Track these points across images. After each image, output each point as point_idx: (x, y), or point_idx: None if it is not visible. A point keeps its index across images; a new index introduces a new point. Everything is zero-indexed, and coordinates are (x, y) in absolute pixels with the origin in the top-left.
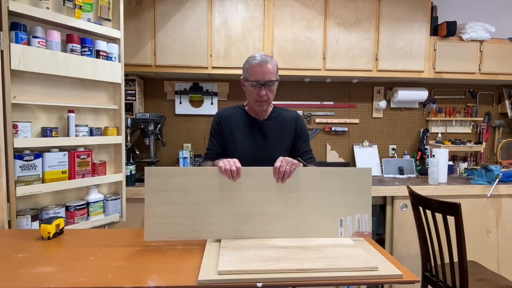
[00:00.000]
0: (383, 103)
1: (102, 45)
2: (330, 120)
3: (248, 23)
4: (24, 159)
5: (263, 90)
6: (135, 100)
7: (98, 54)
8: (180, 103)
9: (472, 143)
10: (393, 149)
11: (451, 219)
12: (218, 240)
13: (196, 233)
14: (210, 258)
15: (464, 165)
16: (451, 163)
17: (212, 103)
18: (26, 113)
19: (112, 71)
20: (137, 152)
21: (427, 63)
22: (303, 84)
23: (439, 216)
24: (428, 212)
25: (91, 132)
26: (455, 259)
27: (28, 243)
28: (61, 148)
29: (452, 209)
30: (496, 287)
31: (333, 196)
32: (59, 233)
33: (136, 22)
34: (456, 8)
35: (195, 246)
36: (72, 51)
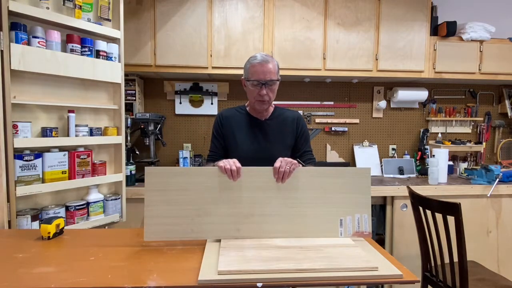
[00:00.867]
0: (383, 103)
1: (102, 45)
2: (330, 120)
3: (248, 23)
4: (24, 159)
5: (264, 90)
6: (135, 100)
7: (98, 54)
8: (180, 103)
9: (472, 143)
10: (393, 149)
11: (451, 219)
12: (218, 240)
13: (196, 233)
14: (210, 258)
15: (464, 165)
16: (451, 163)
17: (212, 103)
18: (26, 113)
19: (112, 71)
20: (137, 152)
21: (427, 63)
22: (303, 84)
23: (439, 216)
24: (428, 212)
25: (91, 132)
26: (455, 259)
27: (28, 243)
28: (61, 148)
29: (452, 209)
30: (496, 287)
31: (332, 196)
32: (59, 233)
33: (136, 22)
34: (456, 8)
35: (195, 246)
36: (72, 51)
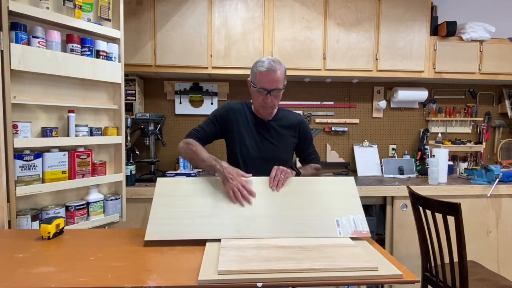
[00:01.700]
0: (383, 103)
1: (102, 45)
2: (330, 120)
3: (248, 23)
4: (24, 159)
5: (269, 98)
6: (135, 100)
7: (98, 54)
8: (180, 103)
9: (472, 143)
10: (393, 149)
11: (451, 219)
12: (218, 240)
13: (196, 233)
14: (210, 258)
15: (464, 165)
16: (451, 163)
17: (212, 103)
18: (26, 113)
19: (112, 71)
20: (137, 152)
21: (427, 63)
22: (303, 84)
23: (439, 216)
24: (428, 212)
25: (91, 132)
26: (455, 259)
27: (28, 243)
28: (61, 148)
29: (452, 209)
30: (496, 287)
31: (325, 199)
32: (59, 233)
33: (136, 22)
34: (456, 8)
35: (195, 246)
36: (72, 51)
